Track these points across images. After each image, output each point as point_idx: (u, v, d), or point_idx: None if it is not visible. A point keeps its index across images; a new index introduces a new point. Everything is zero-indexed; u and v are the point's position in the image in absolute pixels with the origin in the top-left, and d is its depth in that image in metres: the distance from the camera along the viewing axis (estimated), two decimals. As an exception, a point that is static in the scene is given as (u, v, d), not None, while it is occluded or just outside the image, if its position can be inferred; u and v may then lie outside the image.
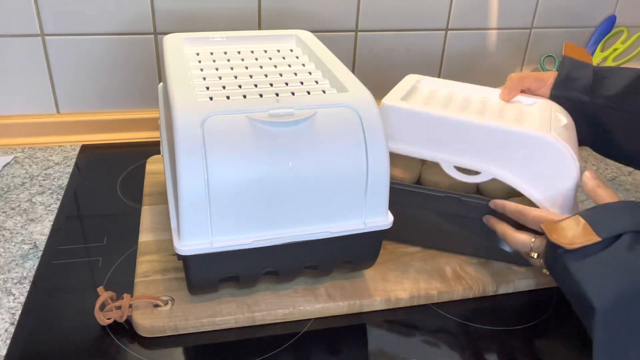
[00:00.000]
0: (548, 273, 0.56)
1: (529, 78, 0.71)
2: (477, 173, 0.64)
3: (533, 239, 0.57)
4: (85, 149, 0.92)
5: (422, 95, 0.70)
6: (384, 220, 0.57)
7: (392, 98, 0.66)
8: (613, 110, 0.68)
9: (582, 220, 0.51)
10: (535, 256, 0.57)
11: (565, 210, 0.62)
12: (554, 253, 0.52)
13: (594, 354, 0.46)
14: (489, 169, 0.63)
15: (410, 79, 0.74)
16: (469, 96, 0.72)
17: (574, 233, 0.51)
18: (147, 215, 0.72)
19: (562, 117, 0.66)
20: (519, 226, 0.60)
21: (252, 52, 0.70)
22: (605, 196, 0.56)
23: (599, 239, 0.49)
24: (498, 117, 0.65)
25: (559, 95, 0.71)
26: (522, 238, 0.58)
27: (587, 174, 0.59)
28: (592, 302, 0.46)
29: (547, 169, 0.61)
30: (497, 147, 0.62)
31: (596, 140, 0.72)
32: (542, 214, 0.57)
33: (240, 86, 0.59)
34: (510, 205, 0.61)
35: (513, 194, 0.68)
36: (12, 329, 0.57)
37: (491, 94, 0.72)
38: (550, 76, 0.72)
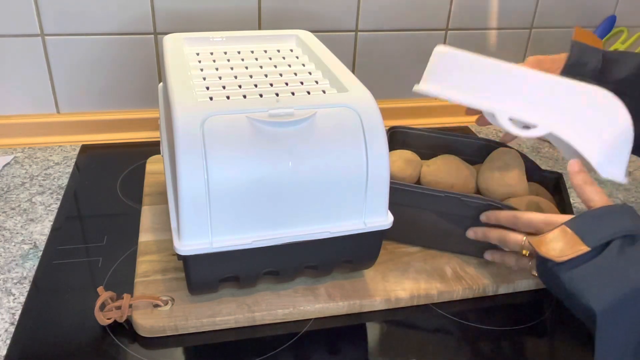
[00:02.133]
0: (537, 275, 0.56)
1: (545, 61, 0.70)
2: (530, 127, 0.60)
3: (524, 238, 0.57)
4: (85, 149, 0.92)
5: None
6: (384, 220, 0.57)
7: (445, 46, 0.63)
8: (623, 95, 0.67)
9: (569, 231, 0.51)
10: (527, 254, 0.58)
11: (622, 164, 0.60)
12: (544, 265, 0.52)
13: (595, 353, 0.46)
14: (547, 123, 0.59)
15: (441, 48, 0.69)
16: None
17: (562, 245, 0.51)
18: (147, 215, 0.72)
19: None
20: None
21: (252, 52, 0.70)
22: (593, 193, 0.55)
23: (588, 249, 0.49)
24: None
25: None
26: (515, 237, 0.59)
27: (572, 163, 0.58)
28: (592, 308, 0.47)
29: (604, 125, 0.59)
30: (555, 100, 0.59)
31: None
32: (534, 216, 0.57)
33: (240, 86, 0.59)
34: (503, 213, 0.61)
35: (510, 194, 0.68)
36: (12, 329, 0.57)
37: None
38: (564, 58, 0.71)
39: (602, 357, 0.46)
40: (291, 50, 0.71)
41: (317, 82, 0.61)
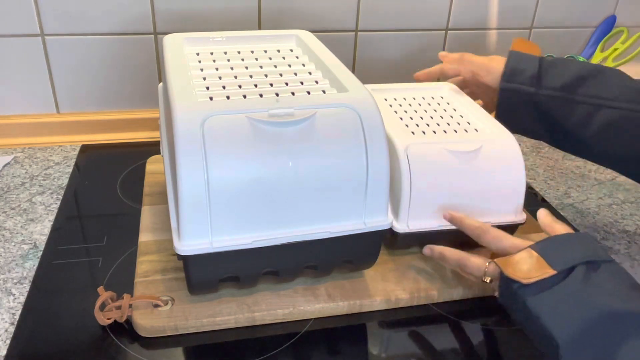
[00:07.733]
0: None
1: (475, 64, 0.72)
2: None
3: (487, 264, 0.56)
4: (85, 149, 0.92)
5: None
6: (384, 220, 0.57)
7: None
8: (563, 100, 0.67)
9: (535, 254, 0.51)
10: (488, 280, 0.56)
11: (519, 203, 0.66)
12: (510, 288, 0.51)
13: None
14: None
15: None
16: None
17: (529, 267, 0.50)
18: (147, 215, 0.72)
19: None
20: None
21: (252, 52, 0.70)
22: (562, 230, 0.56)
23: (554, 272, 0.49)
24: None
25: (505, 88, 0.70)
26: (477, 262, 0.57)
27: (541, 211, 0.59)
28: (555, 338, 0.46)
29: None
30: None
31: (551, 134, 0.70)
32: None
33: (240, 86, 0.59)
34: (468, 221, 0.60)
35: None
36: (12, 329, 0.57)
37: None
38: (498, 66, 0.71)
39: None
40: (291, 50, 0.71)
41: (317, 82, 0.61)
